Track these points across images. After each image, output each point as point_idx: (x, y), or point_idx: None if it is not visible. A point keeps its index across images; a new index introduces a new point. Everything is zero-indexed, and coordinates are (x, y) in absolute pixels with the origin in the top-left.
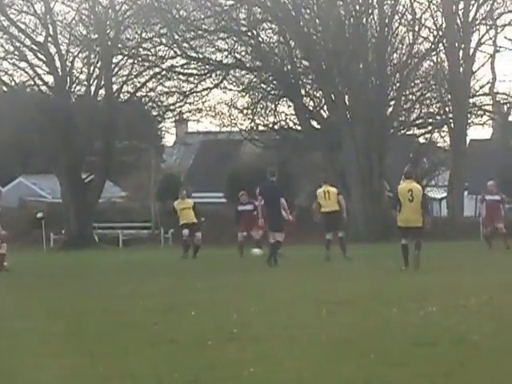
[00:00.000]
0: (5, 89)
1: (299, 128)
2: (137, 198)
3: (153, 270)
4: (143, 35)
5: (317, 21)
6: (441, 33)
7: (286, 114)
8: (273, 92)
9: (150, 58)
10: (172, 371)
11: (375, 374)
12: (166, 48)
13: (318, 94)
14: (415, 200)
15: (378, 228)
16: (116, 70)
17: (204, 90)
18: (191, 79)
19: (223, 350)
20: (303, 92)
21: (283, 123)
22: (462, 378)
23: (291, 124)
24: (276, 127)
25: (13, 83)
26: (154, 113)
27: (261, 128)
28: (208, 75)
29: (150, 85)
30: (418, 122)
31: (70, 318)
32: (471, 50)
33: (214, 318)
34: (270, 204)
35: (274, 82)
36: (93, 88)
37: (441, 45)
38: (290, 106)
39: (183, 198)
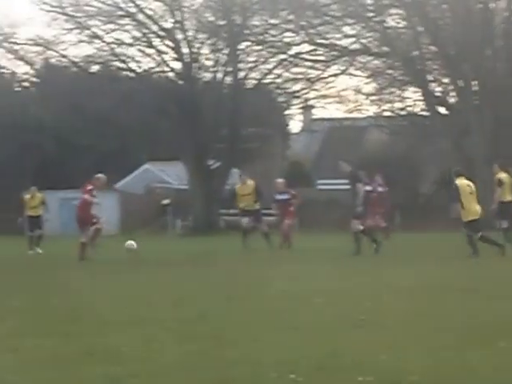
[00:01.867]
0: (132, 75)
1: (426, 114)
2: (263, 184)
3: (278, 256)
4: (270, 21)
5: (444, 6)
6: None
7: (414, 100)
8: (400, 78)
9: (277, 44)
10: (298, 358)
11: (503, 363)
12: (293, 34)
13: (445, 80)
14: (474, 193)
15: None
16: (242, 56)
17: (330, 76)
18: (317, 66)
19: (349, 337)
20: (430, 78)
21: (410, 109)
22: None
23: (418, 110)
24: (403, 113)
25: (140, 70)
26: (281, 99)
27: (387, 114)
28: (334, 61)
29: (276, 71)
30: None
31: (193, 305)
32: None
33: (343, 304)
34: None
35: (401, 68)
36: (219, 75)
37: None
38: (416, 92)
39: (244, 182)
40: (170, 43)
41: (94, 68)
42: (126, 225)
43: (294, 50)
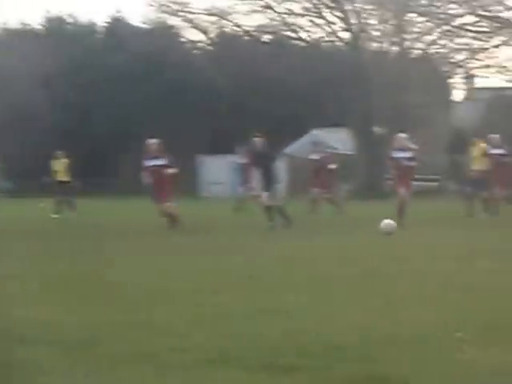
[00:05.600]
0: (303, 45)
1: None
2: (425, 151)
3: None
4: None
5: None
6: None
7: None
8: None
9: (442, 16)
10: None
11: None
12: (457, 6)
13: None
14: None
15: None
16: (408, 27)
17: (493, 47)
18: (480, 36)
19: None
20: None
21: None
22: None
23: None
24: None
25: (310, 39)
26: (445, 69)
27: None
28: (497, 33)
29: (440, 42)
30: None
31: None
32: None
33: None
34: None
35: None
36: (385, 45)
37: None
38: None
39: None
40: (339, 14)
41: (266, 37)
42: (293, 188)
43: (458, 22)
